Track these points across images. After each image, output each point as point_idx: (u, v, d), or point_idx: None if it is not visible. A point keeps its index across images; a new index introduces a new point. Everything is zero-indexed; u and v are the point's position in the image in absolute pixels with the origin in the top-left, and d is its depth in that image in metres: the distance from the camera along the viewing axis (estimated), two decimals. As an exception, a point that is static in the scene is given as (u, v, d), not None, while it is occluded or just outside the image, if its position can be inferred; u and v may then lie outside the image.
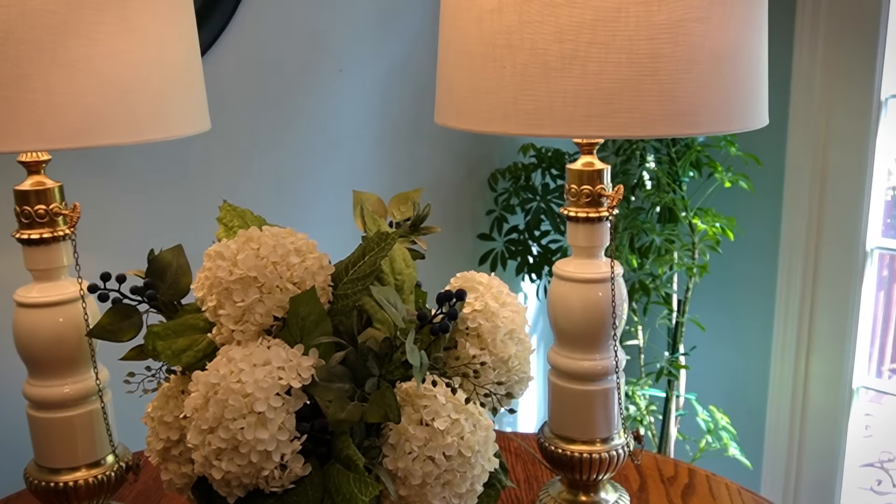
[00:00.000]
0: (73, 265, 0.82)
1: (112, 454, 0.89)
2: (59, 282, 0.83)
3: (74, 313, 0.82)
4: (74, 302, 0.82)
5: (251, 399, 0.61)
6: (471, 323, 0.72)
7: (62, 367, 0.84)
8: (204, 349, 0.71)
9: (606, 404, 0.88)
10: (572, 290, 0.86)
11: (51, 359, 0.83)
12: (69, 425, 0.86)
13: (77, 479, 0.86)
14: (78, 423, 0.86)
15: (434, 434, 0.64)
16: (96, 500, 0.88)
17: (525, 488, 1.03)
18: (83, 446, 0.87)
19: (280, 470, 0.62)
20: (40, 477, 0.86)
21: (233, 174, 1.28)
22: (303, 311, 0.66)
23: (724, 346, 1.98)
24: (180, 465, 0.69)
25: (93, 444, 0.87)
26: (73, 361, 0.84)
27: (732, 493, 1.02)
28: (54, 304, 0.82)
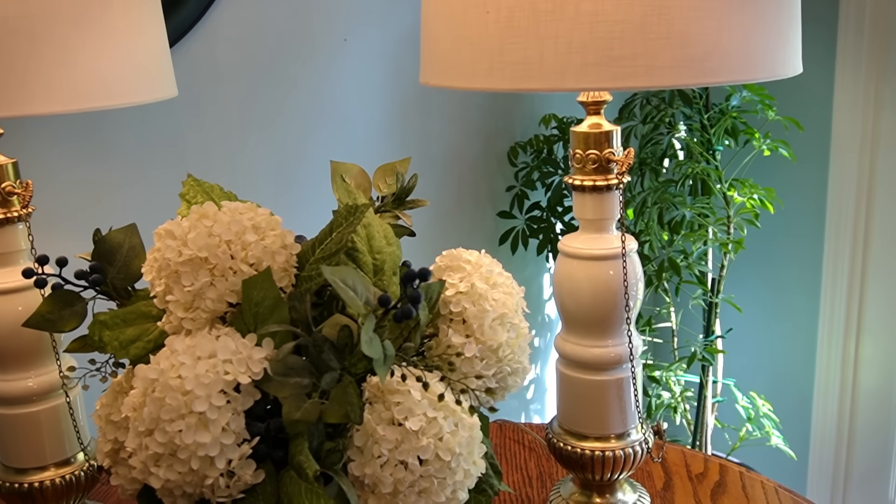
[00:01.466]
0: (30, 249, 0.75)
1: (82, 452, 0.82)
2: (17, 267, 0.76)
3: (35, 301, 0.76)
4: (34, 289, 0.75)
5: (191, 397, 0.53)
6: (454, 307, 0.63)
7: (24, 360, 0.78)
8: (155, 340, 0.63)
9: (621, 396, 0.79)
10: (580, 268, 0.77)
11: (11, 350, 0.77)
12: (34, 422, 0.79)
13: (45, 479, 0.80)
14: (44, 419, 0.80)
15: (407, 435, 0.56)
16: (66, 500, 0.82)
17: (538, 486, 0.95)
18: (50, 444, 0.80)
19: (227, 478, 0.54)
20: (5, 478, 0.80)
21: (229, 152, 1.20)
22: (256, 295, 0.58)
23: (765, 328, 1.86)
24: (130, 470, 0.62)
25: (61, 441, 0.81)
26: (35, 353, 0.78)
27: (769, 492, 0.92)
28: (12, 291, 0.76)
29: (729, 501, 0.90)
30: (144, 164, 1.11)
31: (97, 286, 0.66)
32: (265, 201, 0.68)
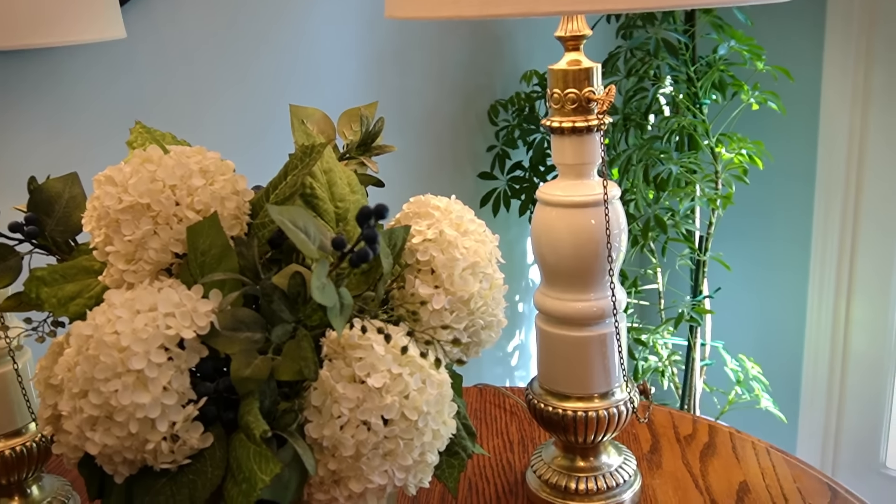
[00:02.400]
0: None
1: (34, 422, 0.77)
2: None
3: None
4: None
5: (127, 354, 0.48)
6: (421, 256, 0.58)
7: (-35, 325, 0.73)
8: (96, 296, 0.58)
9: (604, 353, 0.74)
10: (559, 217, 0.72)
11: (-49, 315, 0.72)
12: (-21, 391, 0.75)
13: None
14: (-11, 387, 0.75)
15: (369, 393, 0.51)
16: (19, 473, 0.77)
17: (519, 451, 0.91)
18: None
19: (171, 442, 0.49)
20: (-49, 450, 0.75)
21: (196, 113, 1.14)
22: (202, 243, 0.53)
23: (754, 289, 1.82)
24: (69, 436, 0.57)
25: (9, 410, 0.76)
26: (-24, 317, 0.73)
27: (760, 452, 0.88)
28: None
29: (719, 463, 0.86)
30: (103, 124, 1.05)
31: (33, 239, 0.60)
32: (236, 164, 0.63)
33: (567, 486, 0.77)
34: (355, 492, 0.52)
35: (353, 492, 0.52)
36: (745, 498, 0.80)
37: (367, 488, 0.52)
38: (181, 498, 0.49)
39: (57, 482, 0.83)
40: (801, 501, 0.79)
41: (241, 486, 0.47)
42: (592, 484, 0.77)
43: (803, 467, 0.85)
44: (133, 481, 0.51)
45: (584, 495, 0.77)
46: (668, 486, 0.82)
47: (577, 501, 0.77)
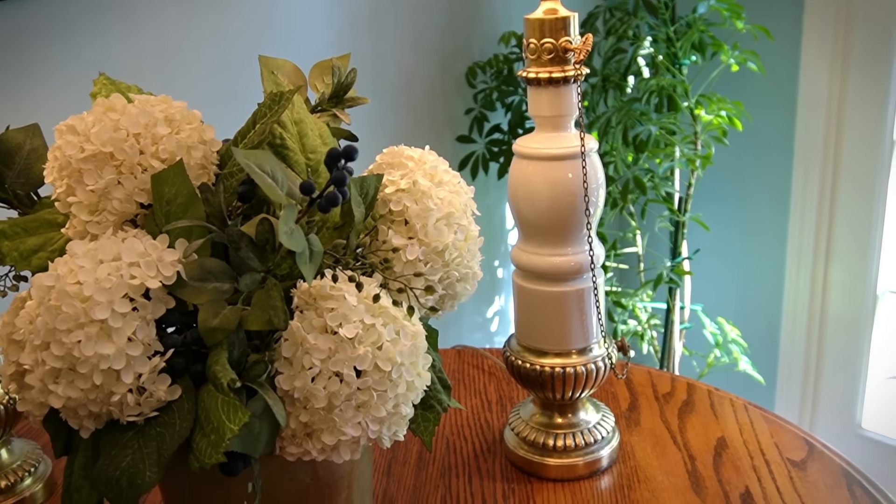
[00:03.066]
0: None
1: (1, 384, 0.76)
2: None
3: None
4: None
5: (90, 304, 0.46)
6: (394, 206, 0.57)
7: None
8: (60, 249, 0.57)
9: (582, 308, 0.73)
10: (536, 170, 0.71)
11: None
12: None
13: (-41, 414, 0.73)
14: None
15: (341, 344, 0.50)
16: (-12, 437, 0.76)
17: (497, 410, 0.90)
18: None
19: (137, 394, 0.48)
20: (-84, 413, 0.74)
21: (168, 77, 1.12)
22: (168, 192, 0.51)
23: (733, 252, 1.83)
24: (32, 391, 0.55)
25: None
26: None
27: (738, 409, 0.88)
28: None
29: (697, 420, 0.86)
30: (67, 77, 1.02)
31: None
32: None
33: (545, 442, 0.77)
34: (328, 444, 0.51)
35: (326, 444, 0.51)
36: (722, 453, 0.80)
37: (341, 441, 0.51)
38: (149, 451, 0.48)
39: (27, 446, 0.82)
40: (779, 456, 0.79)
41: (209, 437, 0.46)
42: (570, 440, 0.77)
43: (780, 423, 0.85)
44: (99, 436, 0.50)
45: (562, 451, 0.76)
46: (647, 443, 0.82)
47: (554, 458, 0.76)
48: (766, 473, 0.76)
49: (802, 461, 0.78)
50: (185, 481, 0.56)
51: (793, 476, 0.76)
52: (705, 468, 0.77)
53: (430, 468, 0.80)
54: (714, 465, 0.78)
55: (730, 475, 0.76)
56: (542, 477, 0.77)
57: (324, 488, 0.58)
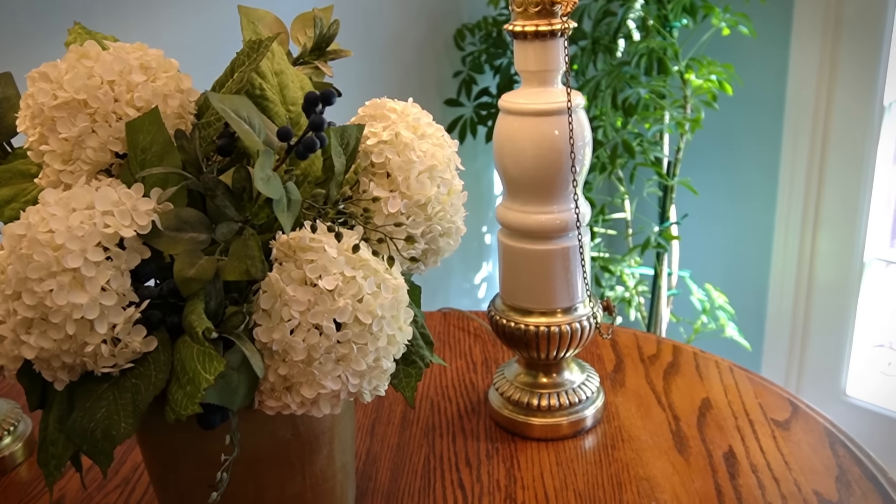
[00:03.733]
0: None
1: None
2: None
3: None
4: None
5: (62, 252, 0.45)
6: (376, 158, 0.56)
7: None
8: (33, 200, 0.55)
9: (567, 267, 0.73)
10: (522, 126, 0.70)
11: None
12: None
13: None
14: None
15: (321, 296, 0.49)
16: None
17: (483, 371, 0.90)
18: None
19: (111, 345, 0.47)
20: None
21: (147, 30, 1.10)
22: (143, 140, 0.50)
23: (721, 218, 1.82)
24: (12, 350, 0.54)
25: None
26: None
27: (723, 370, 0.88)
28: None
29: (682, 381, 0.86)
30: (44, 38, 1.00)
31: (-37, 141, 0.57)
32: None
33: (529, 402, 0.77)
34: (307, 398, 0.50)
35: (306, 398, 0.50)
36: (706, 413, 0.80)
37: (320, 394, 0.50)
38: (124, 402, 0.47)
39: (6, 405, 0.81)
40: (763, 416, 0.79)
41: (185, 388, 0.45)
42: (555, 400, 0.76)
43: (765, 384, 0.85)
44: (74, 388, 0.49)
45: (547, 411, 0.76)
46: (631, 403, 0.82)
47: (538, 417, 0.76)
48: (749, 433, 0.76)
49: (786, 421, 0.78)
50: (164, 436, 0.56)
51: (776, 436, 0.76)
52: (689, 428, 0.77)
53: (414, 428, 0.79)
54: (698, 425, 0.78)
55: (713, 435, 0.76)
56: (526, 436, 0.77)
57: (305, 444, 0.58)
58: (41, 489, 0.73)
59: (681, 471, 0.71)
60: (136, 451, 0.78)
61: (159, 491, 0.61)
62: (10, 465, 0.76)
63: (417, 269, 0.62)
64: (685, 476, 0.70)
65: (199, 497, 0.56)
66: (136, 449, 0.78)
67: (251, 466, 0.56)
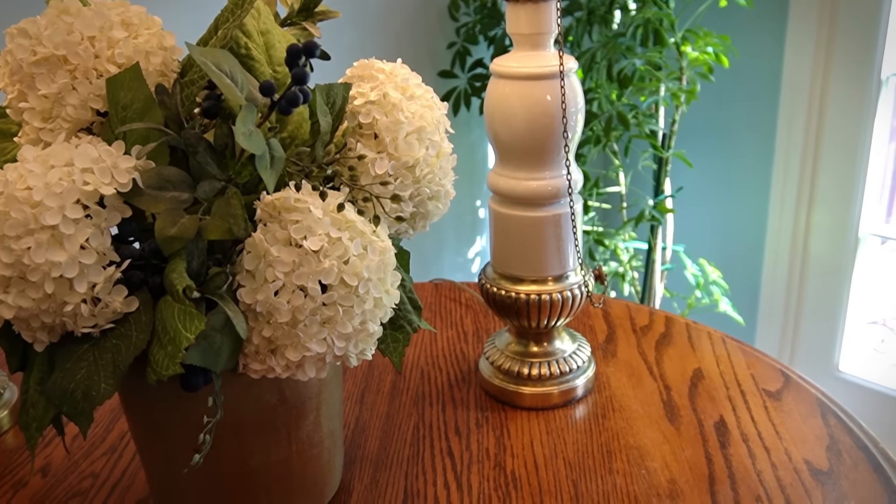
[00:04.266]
0: None
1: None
2: None
3: None
4: None
5: (40, 209, 0.44)
6: (364, 118, 0.55)
7: None
8: (13, 159, 0.54)
9: (558, 234, 0.72)
10: (514, 90, 0.69)
11: None
12: None
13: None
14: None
15: (305, 257, 0.48)
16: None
17: (474, 342, 0.89)
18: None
19: (91, 305, 0.46)
20: None
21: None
22: (124, 97, 0.49)
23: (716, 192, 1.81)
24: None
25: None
26: None
27: (715, 341, 0.87)
28: None
29: (674, 352, 0.85)
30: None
31: (-58, 99, 0.56)
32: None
33: (520, 371, 0.76)
34: (292, 361, 0.50)
35: (291, 361, 0.50)
36: (698, 384, 0.79)
37: (305, 357, 0.50)
38: (104, 363, 0.46)
39: (-7, 372, 0.80)
40: (754, 386, 0.78)
41: (166, 348, 0.45)
42: (546, 369, 0.76)
43: (758, 355, 0.84)
44: (54, 350, 0.49)
45: (537, 380, 0.76)
46: (623, 373, 0.81)
47: (529, 386, 0.76)
48: (741, 403, 0.76)
49: (778, 392, 0.78)
50: (148, 401, 0.55)
51: (768, 406, 0.75)
52: (681, 398, 0.77)
53: (404, 397, 0.79)
54: (689, 395, 0.77)
55: (705, 405, 0.76)
56: (516, 405, 0.76)
57: (291, 409, 0.57)
58: (26, 457, 0.72)
59: (671, 440, 0.71)
60: (122, 418, 0.77)
61: (145, 457, 0.61)
62: (-4, 433, 0.76)
63: (406, 234, 0.61)
64: (675, 445, 0.70)
65: (185, 461, 0.55)
66: (122, 417, 0.77)
67: (236, 431, 0.55)
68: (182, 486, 0.59)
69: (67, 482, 0.68)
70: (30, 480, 0.69)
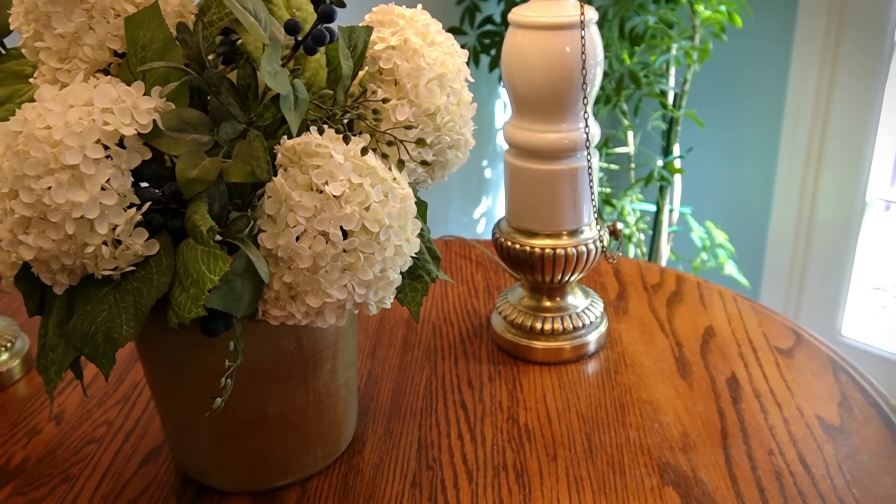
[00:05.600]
0: None
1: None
2: None
3: None
4: None
5: (61, 148, 0.44)
6: (384, 64, 0.54)
7: None
8: (29, 101, 0.53)
9: (574, 187, 0.71)
10: (532, 41, 0.67)
11: None
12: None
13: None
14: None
15: (327, 202, 0.47)
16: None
17: (485, 298, 0.89)
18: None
19: (112, 247, 0.45)
20: None
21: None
22: (142, 36, 0.48)
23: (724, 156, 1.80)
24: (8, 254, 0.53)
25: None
26: None
27: (726, 300, 0.87)
28: None
29: (685, 309, 0.85)
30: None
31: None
32: None
33: (532, 326, 0.76)
34: (313, 307, 0.49)
35: (311, 307, 0.49)
36: (710, 340, 0.79)
37: (326, 303, 0.49)
38: (125, 305, 0.46)
39: (3, 322, 0.80)
40: (766, 344, 0.78)
41: (189, 290, 0.44)
42: (558, 324, 0.76)
43: (769, 313, 0.84)
44: (74, 293, 0.48)
45: (550, 335, 0.76)
46: (634, 330, 0.81)
47: (541, 341, 0.76)
48: (752, 360, 0.76)
49: (789, 349, 0.78)
50: (165, 346, 0.55)
51: (779, 363, 0.75)
52: (692, 354, 0.77)
53: (416, 351, 0.79)
54: (701, 351, 0.78)
55: (717, 361, 0.76)
56: (528, 360, 0.76)
57: (308, 358, 0.57)
58: (39, 405, 0.73)
59: (683, 395, 0.71)
60: (134, 369, 0.77)
61: (161, 404, 0.61)
62: (8, 382, 0.76)
63: (425, 184, 0.60)
64: (688, 400, 0.70)
65: (201, 408, 0.56)
66: (135, 367, 0.77)
67: (254, 379, 0.55)
68: (199, 434, 0.59)
69: (82, 429, 0.69)
70: (45, 427, 0.69)
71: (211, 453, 0.60)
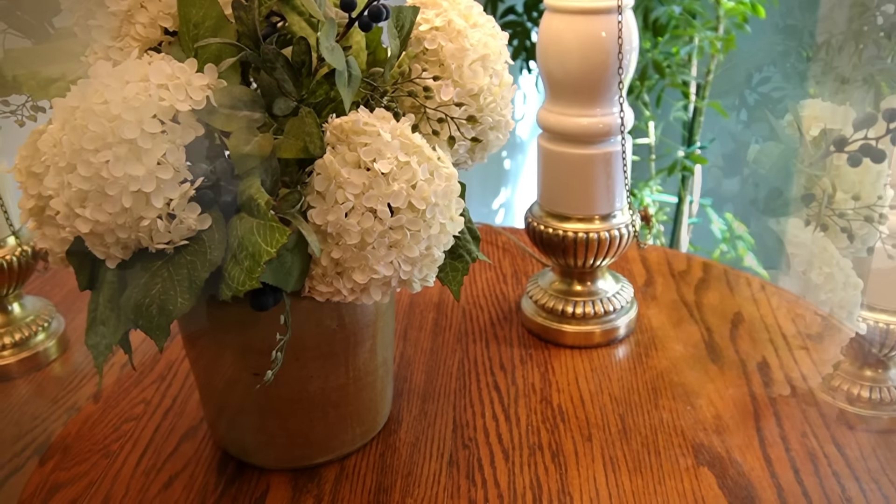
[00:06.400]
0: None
1: (13, 235, 0.74)
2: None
3: None
4: None
5: (119, 123, 0.44)
6: (429, 44, 0.55)
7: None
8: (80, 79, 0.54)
9: (608, 172, 0.72)
10: (569, 25, 0.68)
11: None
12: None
13: (-29, 264, 0.72)
14: (-34, 198, 0.71)
15: (375, 179, 0.48)
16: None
17: (513, 283, 0.90)
18: (-24, 226, 0.73)
19: (167, 221, 0.46)
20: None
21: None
22: (195, 15, 0.49)
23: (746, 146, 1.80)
24: (59, 229, 0.54)
25: (-12, 223, 0.73)
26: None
27: (754, 287, 0.87)
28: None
29: (714, 296, 0.86)
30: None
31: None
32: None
33: (563, 310, 0.76)
34: (359, 283, 0.50)
35: (357, 283, 0.50)
36: (739, 326, 0.80)
37: (372, 280, 0.50)
38: (180, 278, 0.46)
39: (40, 303, 0.81)
40: (795, 330, 0.79)
41: (243, 264, 0.45)
42: (589, 308, 0.76)
43: (797, 300, 0.85)
44: (125, 267, 0.49)
45: (581, 319, 0.76)
46: (664, 315, 0.82)
47: (572, 324, 0.76)
48: (782, 345, 0.76)
49: (819, 335, 0.78)
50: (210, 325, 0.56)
51: (809, 348, 0.76)
52: (722, 339, 0.77)
53: (447, 334, 0.79)
54: (731, 337, 0.78)
55: (747, 347, 0.76)
56: (558, 343, 0.77)
57: (349, 335, 0.58)
58: (77, 383, 0.73)
59: (715, 379, 0.71)
60: (169, 349, 0.78)
61: (202, 382, 0.61)
62: (45, 361, 0.77)
63: (465, 165, 0.61)
64: (720, 384, 0.71)
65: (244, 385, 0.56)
66: (169, 347, 0.78)
67: (297, 356, 0.56)
68: (240, 411, 0.60)
69: (120, 407, 0.69)
70: (84, 405, 0.70)
71: (252, 430, 0.60)
